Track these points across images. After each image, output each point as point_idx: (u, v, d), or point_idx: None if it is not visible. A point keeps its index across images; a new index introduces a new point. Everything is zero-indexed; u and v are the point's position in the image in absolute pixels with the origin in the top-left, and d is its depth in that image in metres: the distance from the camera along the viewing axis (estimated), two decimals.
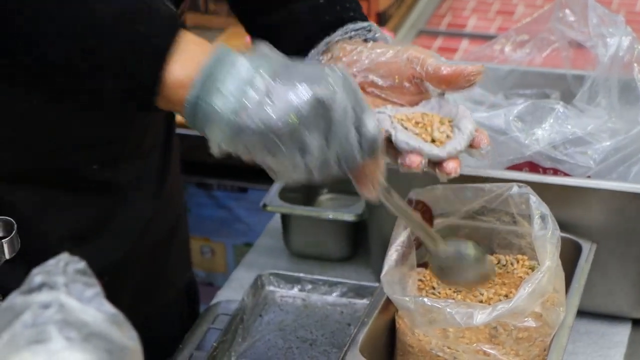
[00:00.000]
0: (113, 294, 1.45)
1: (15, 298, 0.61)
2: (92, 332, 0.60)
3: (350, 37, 1.15)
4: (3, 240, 0.98)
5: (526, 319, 1.01)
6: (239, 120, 0.89)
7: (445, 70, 1.07)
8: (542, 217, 1.08)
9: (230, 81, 0.91)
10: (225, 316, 1.21)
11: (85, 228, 1.25)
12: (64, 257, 0.64)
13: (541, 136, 1.21)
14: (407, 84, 1.11)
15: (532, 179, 1.18)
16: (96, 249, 1.28)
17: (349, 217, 1.33)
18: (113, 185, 1.26)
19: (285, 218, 1.36)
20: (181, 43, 0.93)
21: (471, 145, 1.05)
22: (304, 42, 1.16)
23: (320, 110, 0.91)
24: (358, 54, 1.13)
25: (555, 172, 1.22)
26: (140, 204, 1.32)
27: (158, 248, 1.41)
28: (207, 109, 0.91)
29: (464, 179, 1.18)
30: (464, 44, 2.08)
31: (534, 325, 1.01)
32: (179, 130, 1.54)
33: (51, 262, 0.63)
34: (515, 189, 1.12)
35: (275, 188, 1.38)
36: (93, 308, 0.62)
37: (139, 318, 1.23)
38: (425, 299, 1.03)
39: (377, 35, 1.16)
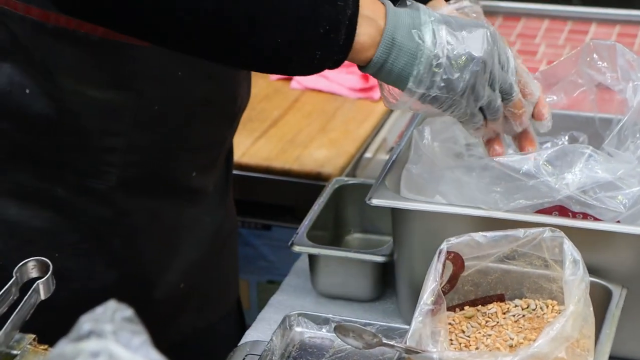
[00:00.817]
0: (185, 301, 1.56)
1: (65, 345, 0.62)
2: None
3: None
4: (39, 282, 0.99)
5: None
6: (437, 53, 1.09)
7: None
8: (574, 262, 1.08)
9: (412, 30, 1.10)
10: (254, 356, 1.21)
11: (173, 235, 1.34)
12: (111, 304, 0.65)
13: (571, 180, 1.22)
14: None
15: (562, 223, 1.18)
16: (178, 255, 1.37)
17: (377, 257, 1.34)
18: (202, 192, 1.40)
19: (312, 258, 1.36)
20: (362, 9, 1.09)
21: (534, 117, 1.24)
22: None
23: (491, 49, 1.12)
24: None
25: (585, 216, 1.22)
26: (214, 211, 1.41)
27: (220, 257, 1.49)
28: (402, 47, 1.09)
29: (493, 223, 1.19)
30: None
31: None
32: None
33: (99, 310, 0.64)
34: (547, 233, 1.12)
35: (303, 228, 1.39)
36: (141, 356, 0.62)
37: (201, 324, 1.36)
38: (450, 353, 1.03)
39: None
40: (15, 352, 0.95)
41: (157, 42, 1.12)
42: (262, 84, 2.07)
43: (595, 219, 1.22)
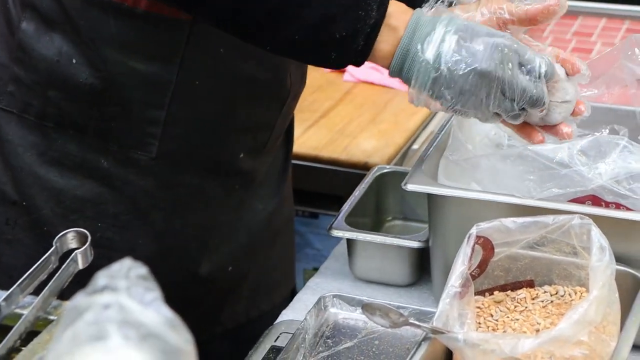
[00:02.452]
0: (236, 285, 1.60)
1: (80, 298, 0.66)
2: (148, 332, 0.64)
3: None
4: (77, 252, 1.03)
5: (574, 349, 1.03)
6: (440, 66, 1.14)
7: (531, 9, 1.20)
8: (601, 249, 1.10)
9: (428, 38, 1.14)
10: (288, 335, 1.24)
11: (218, 216, 1.38)
12: (127, 262, 0.68)
13: (604, 170, 1.23)
14: None
15: (595, 212, 1.19)
16: (224, 237, 1.41)
17: (413, 243, 1.36)
18: (250, 175, 1.41)
19: (350, 242, 1.39)
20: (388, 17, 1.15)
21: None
22: None
23: (501, 60, 1.14)
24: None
25: (618, 206, 1.23)
26: (267, 197, 1.44)
27: (274, 246, 1.52)
28: (414, 58, 1.15)
29: (526, 210, 1.20)
30: None
31: (581, 355, 1.03)
32: None
33: (115, 266, 0.68)
34: (576, 220, 1.14)
35: (342, 213, 1.42)
36: (151, 311, 0.66)
37: (255, 313, 1.39)
38: (474, 334, 1.05)
39: None
40: (52, 317, 1.00)
41: (198, 15, 1.18)
42: (315, 75, 2.10)
43: (628, 209, 1.22)
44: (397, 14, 1.16)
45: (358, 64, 1.18)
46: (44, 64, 1.29)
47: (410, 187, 1.27)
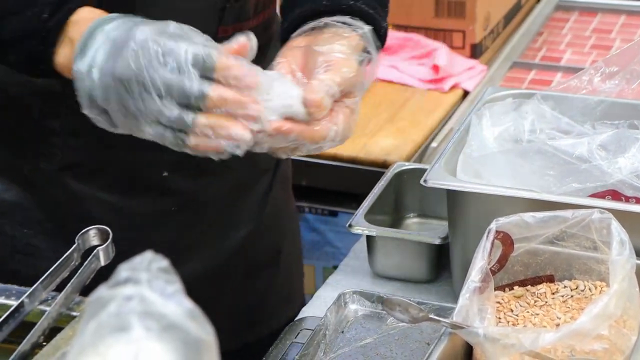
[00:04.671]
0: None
1: (102, 291, 0.67)
2: (170, 324, 0.65)
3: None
4: (99, 248, 1.04)
5: (595, 343, 1.03)
6: (93, 75, 1.04)
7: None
8: (621, 243, 1.09)
9: (88, 50, 1.06)
10: (308, 331, 1.25)
11: (158, 238, 1.33)
12: (148, 255, 0.69)
13: (624, 165, 1.23)
14: None
15: (615, 206, 1.19)
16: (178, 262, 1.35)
17: (433, 239, 1.36)
18: (191, 196, 1.35)
19: (370, 239, 1.39)
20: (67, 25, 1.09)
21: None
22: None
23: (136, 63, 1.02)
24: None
25: (638, 200, 1.23)
26: (221, 225, 1.38)
27: (252, 281, 1.45)
28: (75, 74, 1.06)
29: (546, 205, 1.20)
30: (558, 76, 2.09)
31: (601, 349, 1.03)
32: None
33: (137, 260, 0.68)
34: (596, 214, 1.13)
35: (362, 210, 1.42)
36: (173, 302, 0.66)
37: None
38: (494, 328, 1.05)
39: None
40: (74, 313, 1.01)
41: None
42: None
43: None
44: (78, 26, 1.09)
45: (46, 72, 1.12)
46: None
47: (430, 183, 1.28)
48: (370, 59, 1.18)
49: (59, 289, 1.02)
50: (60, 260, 1.02)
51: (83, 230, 1.05)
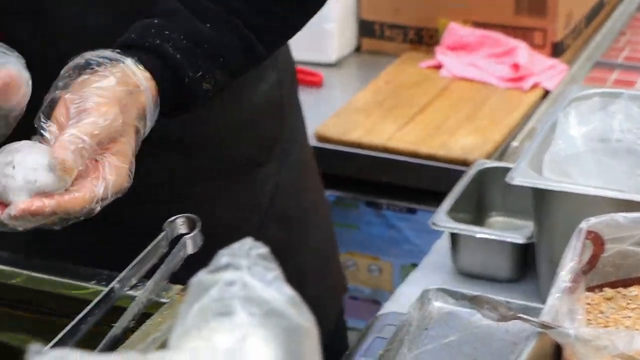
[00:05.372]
0: None
1: (204, 275, 0.66)
2: (271, 310, 0.64)
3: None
4: (186, 237, 1.04)
5: None
6: None
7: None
8: None
9: None
10: (392, 327, 1.23)
11: None
12: (247, 241, 0.68)
13: None
14: None
15: None
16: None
17: (517, 238, 1.34)
18: None
19: (454, 237, 1.38)
20: None
21: None
22: None
23: None
24: None
25: None
26: None
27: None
28: None
29: (637, 206, 1.18)
30: None
31: None
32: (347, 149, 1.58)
33: (236, 246, 0.68)
34: None
35: (444, 207, 1.40)
36: (273, 289, 0.66)
37: None
38: (586, 330, 1.03)
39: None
40: (164, 300, 1.01)
41: None
42: (412, 71, 2.09)
43: None
44: None
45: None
46: None
47: (516, 181, 1.26)
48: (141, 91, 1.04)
49: (147, 276, 1.02)
50: (149, 247, 1.02)
51: (171, 219, 1.05)
